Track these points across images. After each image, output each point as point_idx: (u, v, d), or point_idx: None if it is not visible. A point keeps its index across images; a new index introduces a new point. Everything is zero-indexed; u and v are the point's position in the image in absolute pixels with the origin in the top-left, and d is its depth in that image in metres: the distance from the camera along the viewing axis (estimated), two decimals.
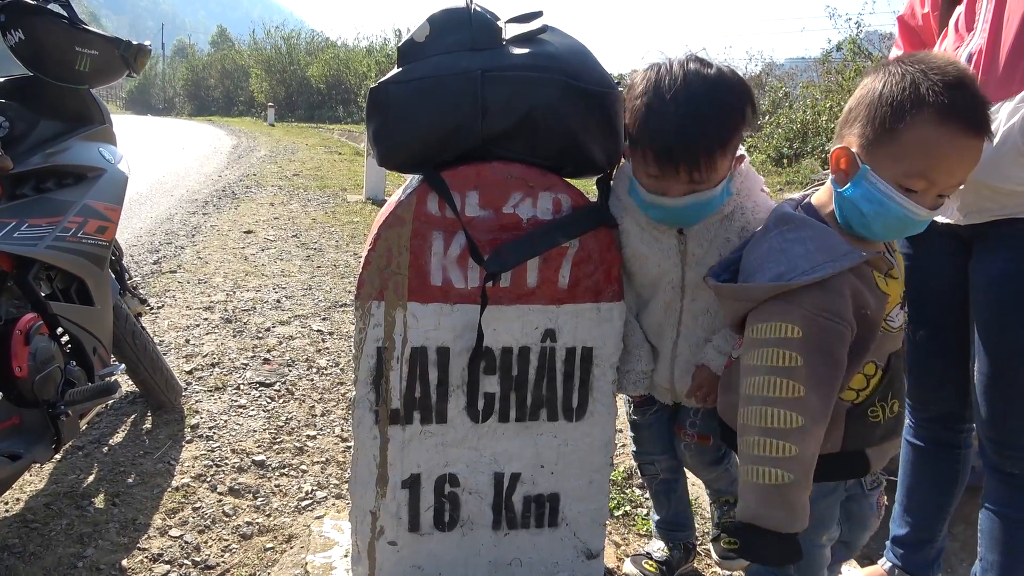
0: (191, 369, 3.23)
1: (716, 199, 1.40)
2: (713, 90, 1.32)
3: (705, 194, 1.37)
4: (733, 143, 1.37)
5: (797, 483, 1.15)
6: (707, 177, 1.35)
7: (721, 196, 1.41)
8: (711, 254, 1.50)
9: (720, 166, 1.36)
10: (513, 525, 1.69)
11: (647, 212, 1.48)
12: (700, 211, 1.42)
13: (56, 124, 2.12)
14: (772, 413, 1.15)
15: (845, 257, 1.16)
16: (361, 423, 1.57)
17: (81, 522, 2.10)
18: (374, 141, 1.53)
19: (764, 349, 1.18)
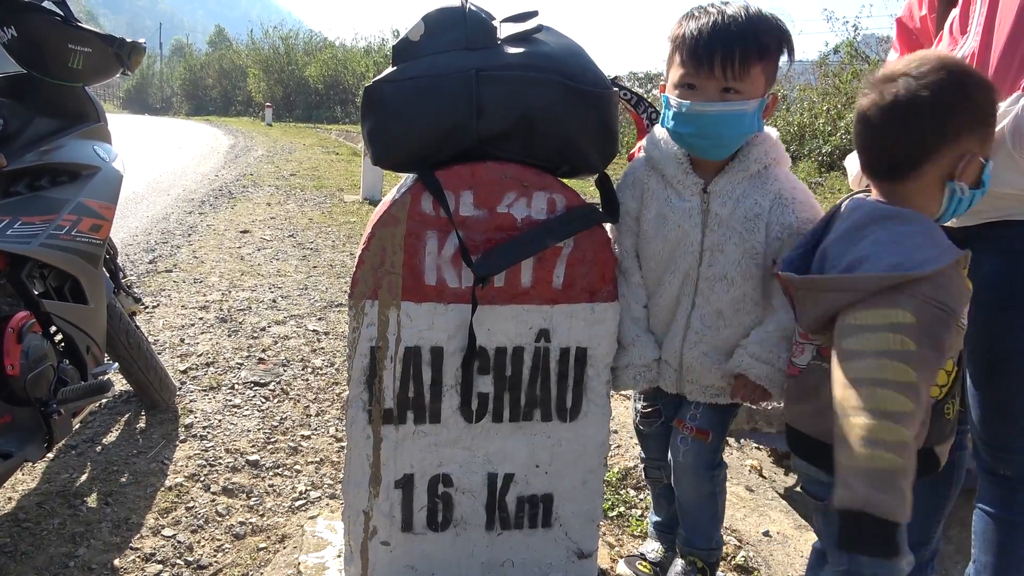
0: (186, 368, 3.22)
1: (748, 118, 1.41)
2: (755, 14, 1.40)
3: (738, 105, 1.39)
4: (769, 59, 1.40)
5: (907, 470, 1.12)
6: (741, 78, 1.37)
7: (753, 119, 1.42)
8: (735, 216, 1.48)
9: (755, 76, 1.39)
10: (506, 525, 1.69)
11: (677, 131, 1.47)
12: (731, 127, 1.41)
13: (50, 122, 2.11)
14: (885, 395, 1.13)
15: (951, 250, 1.19)
16: (354, 422, 1.56)
17: (73, 521, 2.09)
18: (369, 140, 1.53)
19: (873, 334, 1.16)
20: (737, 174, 1.48)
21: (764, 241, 1.48)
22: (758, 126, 1.45)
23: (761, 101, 1.42)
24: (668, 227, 1.53)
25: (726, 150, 1.47)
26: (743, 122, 1.41)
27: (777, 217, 1.47)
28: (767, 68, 1.40)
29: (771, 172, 1.49)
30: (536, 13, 1.57)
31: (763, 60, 1.39)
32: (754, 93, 1.40)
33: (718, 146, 1.46)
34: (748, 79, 1.38)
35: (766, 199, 1.47)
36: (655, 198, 1.56)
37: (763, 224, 1.47)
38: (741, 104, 1.39)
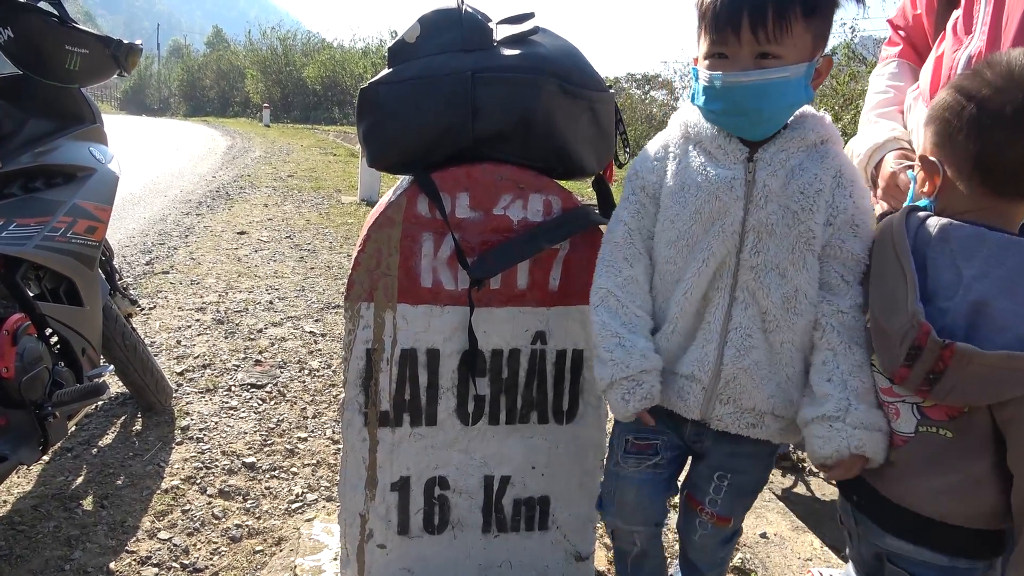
0: (182, 370, 3.21)
1: (793, 87, 1.14)
2: None
3: (777, 72, 1.12)
4: (817, 12, 1.12)
5: None
6: (778, 39, 1.11)
7: (799, 88, 1.15)
8: (790, 190, 1.19)
9: (798, 35, 1.12)
10: (503, 528, 1.69)
11: (709, 109, 1.21)
12: (773, 99, 1.15)
13: (46, 123, 2.11)
14: None
15: None
16: (350, 425, 1.56)
17: (69, 524, 2.09)
18: (365, 142, 1.52)
19: None
20: (791, 142, 1.20)
21: (822, 224, 1.19)
22: (807, 96, 1.17)
23: (809, 65, 1.15)
24: (700, 200, 1.23)
25: (769, 127, 1.20)
26: (787, 92, 1.14)
27: (835, 198, 1.19)
28: (814, 23, 1.13)
29: (829, 148, 1.22)
30: (532, 15, 1.57)
31: (807, 14, 1.11)
32: (799, 56, 1.13)
33: (758, 123, 1.19)
34: (789, 39, 1.11)
35: (827, 174, 1.19)
36: (684, 167, 1.27)
37: (824, 203, 1.18)
38: (781, 71, 1.12)
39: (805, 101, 1.19)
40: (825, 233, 1.20)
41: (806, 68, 1.14)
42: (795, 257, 1.20)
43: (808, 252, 1.20)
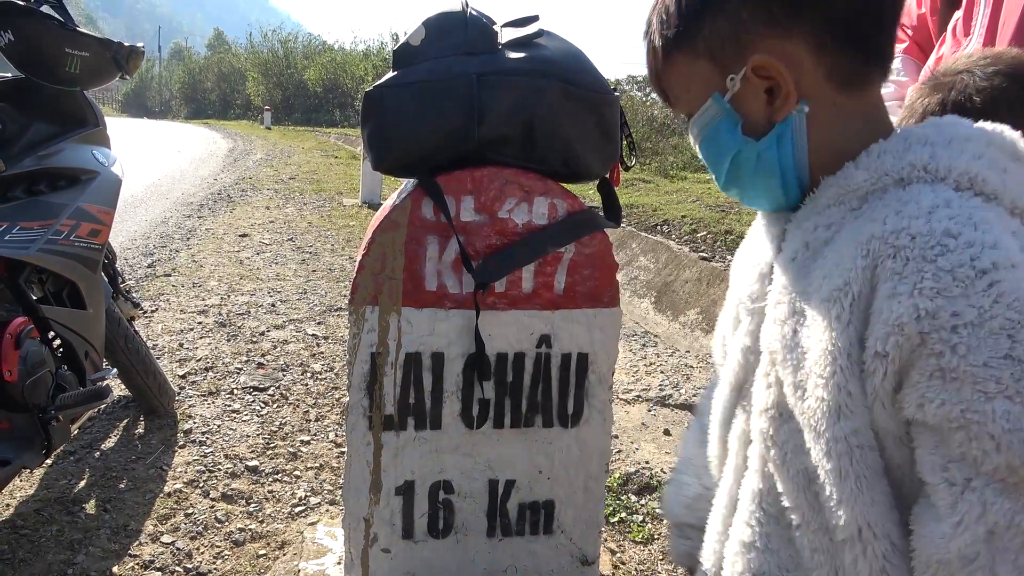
0: (184, 373, 3.20)
1: (710, 125, 0.75)
2: None
3: (695, 119, 0.76)
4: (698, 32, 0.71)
5: None
6: (668, 83, 0.77)
7: (716, 125, 0.74)
8: (823, 271, 0.67)
9: (683, 70, 0.74)
10: (508, 532, 1.68)
11: None
12: (709, 154, 0.78)
13: (49, 126, 2.11)
14: None
15: None
16: (355, 429, 1.55)
17: (72, 528, 2.08)
18: (369, 145, 1.52)
19: None
20: (825, 192, 0.71)
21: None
22: (774, 143, 0.71)
23: (714, 99, 0.73)
24: (734, 281, 0.90)
25: (741, 193, 0.79)
26: (717, 142, 0.75)
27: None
28: (704, 38, 0.71)
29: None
30: (537, 17, 1.56)
31: (686, 38, 0.73)
32: (695, 92, 0.75)
33: (720, 180, 0.80)
34: (672, 74, 0.76)
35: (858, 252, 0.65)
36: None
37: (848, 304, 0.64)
38: (696, 119, 0.76)
39: (761, 150, 0.72)
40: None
41: (715, 104, 0.73)
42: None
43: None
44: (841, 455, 0.63)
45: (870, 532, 0.62)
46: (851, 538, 0.64)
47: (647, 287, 6.42)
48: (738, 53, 0.69)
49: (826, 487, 0.65)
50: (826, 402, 0.63)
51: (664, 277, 6.36)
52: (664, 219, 7.71)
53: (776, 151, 0.71)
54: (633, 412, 3.14)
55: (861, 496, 0.62)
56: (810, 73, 0.68)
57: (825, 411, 0.63)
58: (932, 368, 0.57)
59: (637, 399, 3.28)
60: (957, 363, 0.56)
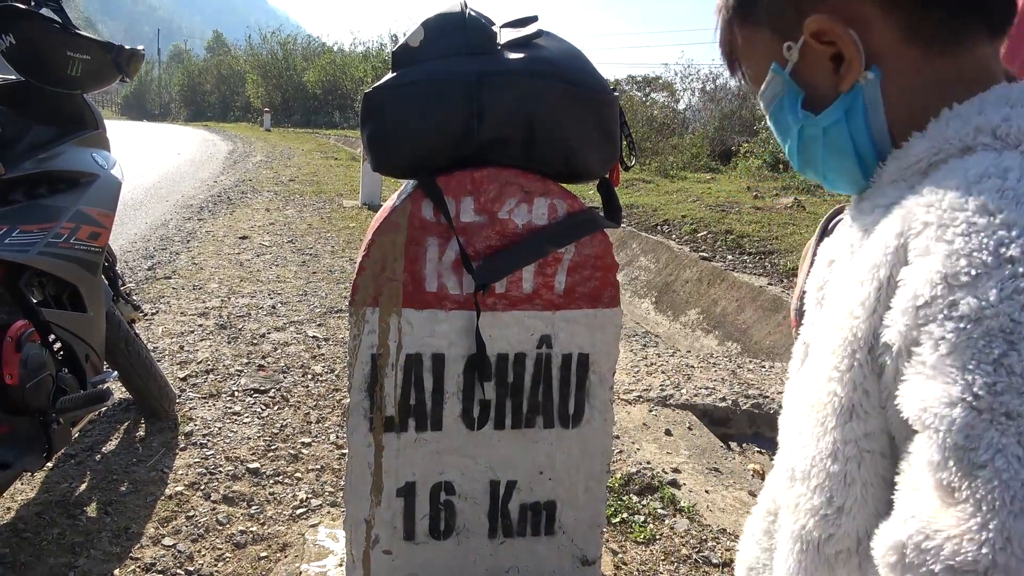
0: (185, 376, 3.20)
1: (775, 101, 0.68)
2: None
3: (759, 95, 0.71)
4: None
5: None
6: (739, 59, 0.72)
7: (779, 101, 0.67)
8: (863, 255, 0.59)
9: (748, 42, 0.69)
10: (509, 533, 1.68)
11: None
12: (777, 133, 0.72)
13: (49, 129, 2.11)
14: None
15: None
16: (355, 430, 1.55)
17: (73, 531, 2.08)
18: (368, 147, 1.52)
19: None
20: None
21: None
22: (794, 113, 0.66)
23: (772, 70, 0.67)
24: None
25: (818, 176, 0.71)
26: (773, 111, 0.69)
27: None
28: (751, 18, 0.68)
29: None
30: (536, 18, 1.56)
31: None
32: (758, 57, 0.69)
33: (784, 144, 0.73)
34: (740, 48, 0.71)
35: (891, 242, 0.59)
36: None
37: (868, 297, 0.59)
38: (761, 87, 0.70)
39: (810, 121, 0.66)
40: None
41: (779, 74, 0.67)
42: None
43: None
44: (849, 459, 0.55)
45: (868, 546, 0.53)
46: (848, 551, 0.56)
47: (648, 287, 6.42)
48: (796, 18, 0.62)
49: (824, 491, 0.57)
50: (839, 398, 0.56)
51: (664, 277, 6.36)
52: (664, 219, 7.72)
53: (846, 126, 0.62)
54: (634, 412, 3.14)
55: (865, 506, 0.55)
56: (882, 34, 0.59)
57: (836, 408, 0.56)
58: (916, 361, 0.49)
59: (638, 399, 3.28)
60: (936, 360, 0.47)
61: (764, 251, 6.22)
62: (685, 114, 16.73)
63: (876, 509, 0.55)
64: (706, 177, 11.67)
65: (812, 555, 0.59)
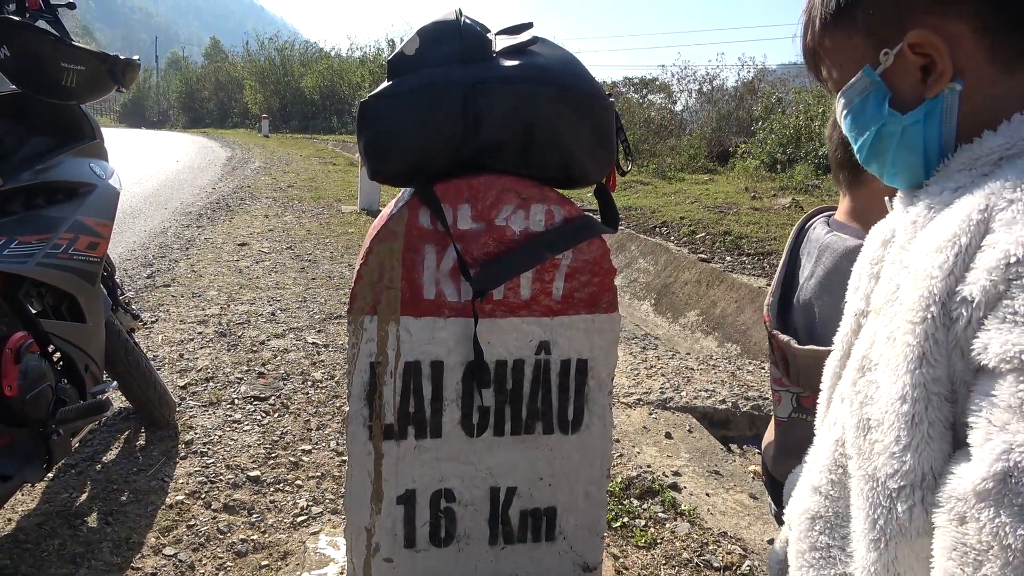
0: (185, 384, 3.20)
1: (859, 98, 0.75)
2: None
3: (843, 90, 0.77)
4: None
5: None
6: (822, 59, 0.79)
7: (864, 98, 0.75)
8: (938, 226, 0.66)
9: (838, 45, 0.76)
10: (510, 539, 1.68)
11: None
12: (854, 126, 0.78)
13: (46, 140, 2.11)
14: None
15: None
16: (355, 438, 1.55)
17: (74, 542, 2.08)
18: (365, 155, 1.52)
19: None
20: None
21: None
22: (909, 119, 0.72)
23: (865, 71, 0.73)
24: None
25: (881, 168, 0.78)
26: (863, 115, 0.76)
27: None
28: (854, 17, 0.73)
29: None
30: (531, 25, 1.57)
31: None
32: (846, 61, 0.76)
33: (858, 147, 0.80)
34: (827, 50, 0.78)
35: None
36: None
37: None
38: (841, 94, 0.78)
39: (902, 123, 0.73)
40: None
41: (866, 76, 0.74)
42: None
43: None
44: (917, 400, 0.62)
45: (932, 480, 0.61)
46: (911, 485, 0.62)
47: (647, 289, 6.42)
48: (896, 28, 0.70)
49: (893, 431, 0.64)
50: (912, 347, 0.62)
51: (664, 279, 6.36)
52: (663, 221, 7.72)
53: (923, 128, 0.72)
54: (634, 415, 3.14)
55: (931, 444, 0.62)
56: (970, 53, 0.68)
57: (909, 355, 0.63)
58: (1005, 312, 0.56)
59: (638, 402, 3.28)
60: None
61: (763, 252, 6.22)
62: (682, 115, 16.75)
63: (940, 447, 0.62)
64: (704, 178, 11.68)
65: (880, 491, 0.65)
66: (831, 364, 0.84)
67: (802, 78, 13.72)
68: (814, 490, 0.79)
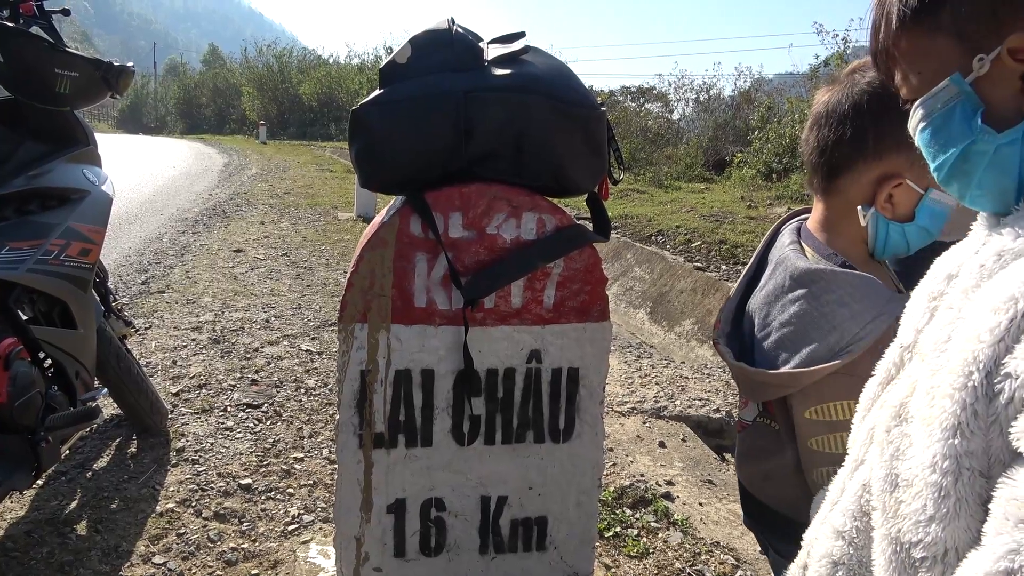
0: (178, 391, 3.19)
1: (944, 109, 0.68)
2: None
3: (923, 100, 0.72)
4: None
5: None
6: (896, 60, 0.75)
7: (950, 110, 0.67)
8: (1001, 282, 0.63)
9: (918, 46, 0.69)
10: (500, 549, 1.67)
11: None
12: (935, 141, 0.72)
13: (39, 146, 2.11)
14: None
15: (891, 303, 1.02)
16: (345, 447, 1.55)
17: (62, 550, 2.06)
18: (357, 164, 1.52)
19: (844, 434, 0.93)
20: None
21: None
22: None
23: (953, 80, 0.66)
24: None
25: (963, 190, 0.70)
26: (947, 129, 0.70)
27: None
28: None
29: None
30: (523, 34, 1.57)
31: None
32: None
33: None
34: (904, 50, 0.72)
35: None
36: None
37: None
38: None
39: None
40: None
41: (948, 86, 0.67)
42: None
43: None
44: (947, 472, 0.56)
45: (955, 557, 0.56)
46: (934, 558, 0.58)
47: (642, 297, 6.42)
48: (992, 31, 0.61)
49: (920, 498, 0.59)
50: (948, 414, 0.56)
51: (659, 287, 6.36)
52: (659, 229, 7.73)
53: (1020, 147, 0.62)
54: (628, 424, 3.14)
55: (957, 520, 0.56)
56: None
57: (944, 422, 0.57)
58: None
59: (632, 411, 3.27)
60: None
61: None
62: (679, 124, 16.79)
63: (967, 524, 0.56)
64: (700, 187, 11.71)
65: (904, 557, 0.60)
66: (870, 388, 0.77)
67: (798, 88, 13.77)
68: (837, 534, 0.74)
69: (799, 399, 1.07)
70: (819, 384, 1.03)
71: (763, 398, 1.16)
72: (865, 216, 1.08)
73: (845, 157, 1.08)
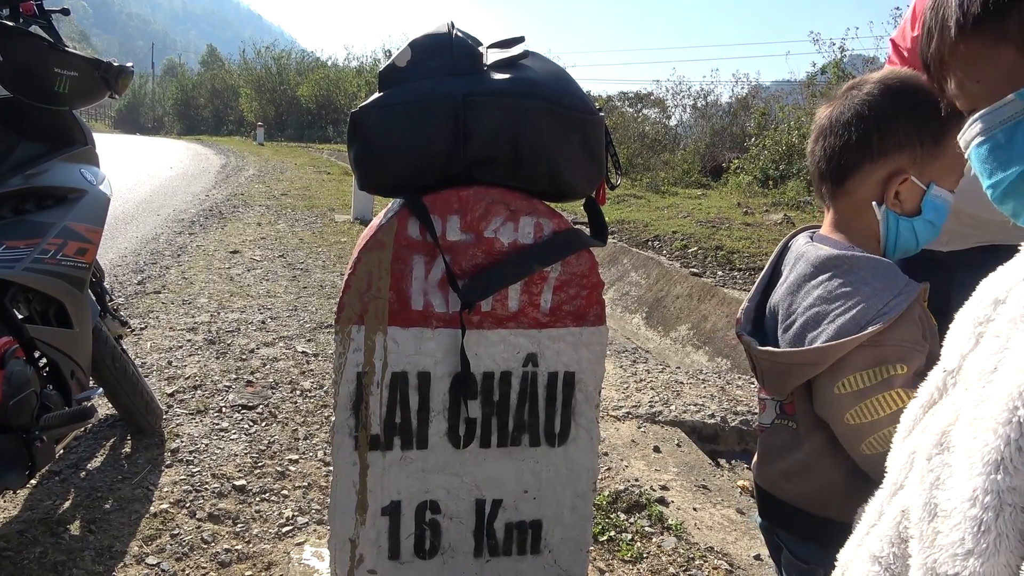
0: (173, 392, 3.19)
1: (1008, 124, 0.68)
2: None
3: (983, 114, 0.71)
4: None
5: None
6: (953, 69, 0.74)
7: (1015, 125, 0.66)
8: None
9: (978, 55, 0.68)
10: (495, 552, 1.67)
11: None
12: (993, 158, 0.72)
13: (37, 145, 2.11)
14: None
15: (909, 287, 1.08)
16: (340, 449, 1.55)
17: (55, 550, 2.06)
18: (355, 166, 1.53)
19: (873, 400, 1.05)
20: None
21: None
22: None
23: (1019, 96, 0.64)
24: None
25: (1018, 211, 0.72)
26: (1008, 148, 0.70)
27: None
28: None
29: None
30: (522, 39, 1.58)
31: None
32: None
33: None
34: (961, 59, 0.71)
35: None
36: None
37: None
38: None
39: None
40: None
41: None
42: None
43: None
44: (988, 507, 0.55)
45: None
46: None
47: (638, 302, 6.43)
48: None
49: (959, 531, 0.57)
50: (990, 448, 0.55)
51: (655, 292, 6.37)
52: (655, 234, 7.74)
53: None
54: (623, 429, 3.14)
55: (997, 556, 0.55)
56: None
57: (986, 457, 0.55)
58: None
59: (627, 416, 3.28)
60: None
61: (754, 267, 6.24)
62: (676, 130, 16.85)
63: (1007, 560, 0.54)
64: (697, 193, 11.74)
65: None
66: (911, 410, 0.75)
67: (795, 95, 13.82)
68: (873, 559, 0.72)
69: (826, 377, 1.10)
70: (845, 358, 1.07)
71: (789, 386, 1.17)
72: (879, 212, 1.14)
73: (852, 160, 1.14)
